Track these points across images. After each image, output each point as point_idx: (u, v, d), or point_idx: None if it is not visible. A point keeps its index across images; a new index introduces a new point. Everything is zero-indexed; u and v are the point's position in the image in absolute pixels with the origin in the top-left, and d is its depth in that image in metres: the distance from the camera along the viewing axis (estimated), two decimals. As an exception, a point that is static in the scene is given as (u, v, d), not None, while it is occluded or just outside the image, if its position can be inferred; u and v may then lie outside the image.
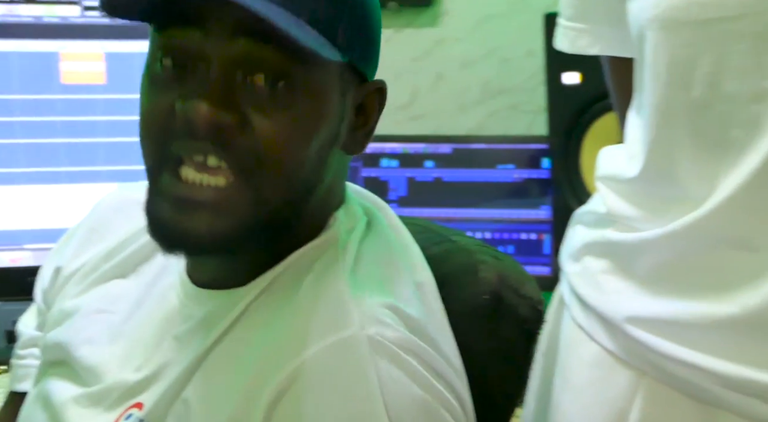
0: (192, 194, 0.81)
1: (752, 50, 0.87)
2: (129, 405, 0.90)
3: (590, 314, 1.04)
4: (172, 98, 0.82)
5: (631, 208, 1.01)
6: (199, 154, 0.81)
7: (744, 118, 0.89)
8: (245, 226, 0.83)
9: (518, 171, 1.97)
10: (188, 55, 0.81)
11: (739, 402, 0.93)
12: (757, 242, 0.90)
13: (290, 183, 0.84)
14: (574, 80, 1.83)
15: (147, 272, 0.98)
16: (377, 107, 0.92)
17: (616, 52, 1.11)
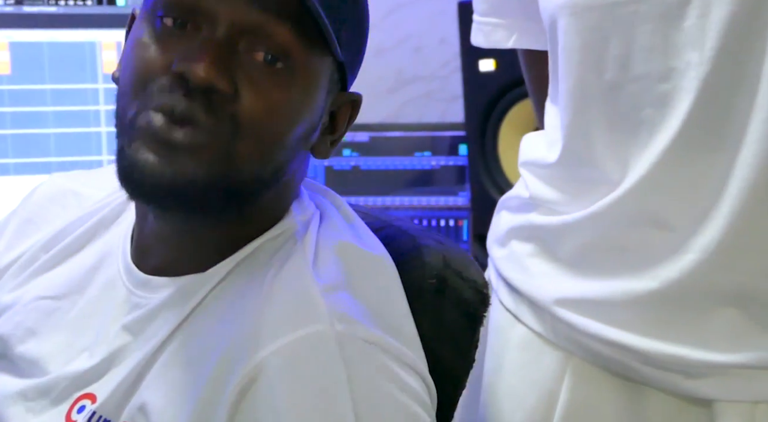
0: (170, 135, 0.80)
1: (658, 31, 0.89)
2: (78, 396, 0.88)
3: (517, 297, 1.06)
4: (170, 56, 0.81)
5: (553, 192, 1.03)
6: (185, 108, 0.80)
7: (654, 97, 0.91)
8: (215, 182, 0.81)
9: (435, 158, 1.98)
10: (194, 14, 0.81)
11: (662, 378, 0.96)
12: (672, 221, 0.92)
13: (263, 160, 0.84)
14: (489, 67, 1.85)
15: (87, 257, 0.96)
16: (347, 119, 0.92)
17: (530, 45, 1.13)
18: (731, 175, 0.88)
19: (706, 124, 0.89)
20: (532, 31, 1.10)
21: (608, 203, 0.95)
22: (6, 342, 0.94)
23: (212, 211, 0.84)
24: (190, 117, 0.79)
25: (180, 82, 0.79)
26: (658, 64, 0.90)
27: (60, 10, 1.82)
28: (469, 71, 1.87)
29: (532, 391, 1.03)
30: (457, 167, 1.98)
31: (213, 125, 0.80)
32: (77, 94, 1.82)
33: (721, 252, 0.90)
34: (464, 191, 1.97)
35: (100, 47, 1.83)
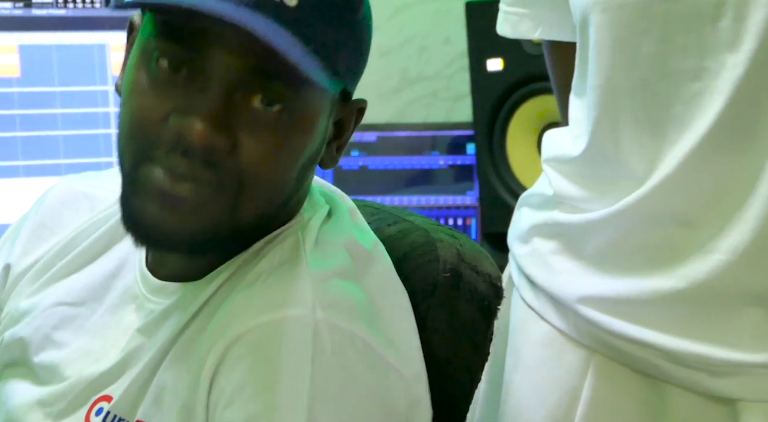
0: (173, 191, 0.80)
1: (692, 30, 0.90)
2: (96, 398, 0.89)
3: (540, 294, 1.07)
4: (166, 107, 0.80)
5: (577, 189, 1.03)
6: (186, 169, 0.80)
7: (685, 96, 0.91)
8: (219, 232, 0.83)
9: (443, 157, 1.99)
10: (187, 65, 0.80)
11: (685, 376, 0.97)
12: (698, 220, 0.93)
13: (268, 202, 0.85)
14: (497, 67, 1.86)
15: (105, 265, 0.97)
16: (353, 125, 0.93)
17: (556, 37, 1.14)
18: (760, 177, 0.89)
19: (737, 125, 0.90)
20: (558, 23, 1.10)
21: (633, 200, 0.96)
22: (25, 347, 0.95)
23: (218, 251, 0.86)
24: (191, 176, 0.80)
25: (178, 141, 0.79)
26: (691, 63, 0.91)
27: (69, 12, 1.82)
28: (476, 71, 1.89)
29: (554, 388, 1.04)
30: (465, 166, 1.99)
31: (215, 181, 0.80)
32: (86, 96, 1.83)
33: (749, 254, 0.90)
34: (472, 189, 1.98)
35: (109, 49, 1.84)
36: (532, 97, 1.85)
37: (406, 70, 2.20)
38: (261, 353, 0.81)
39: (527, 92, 1.85)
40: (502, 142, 1.88)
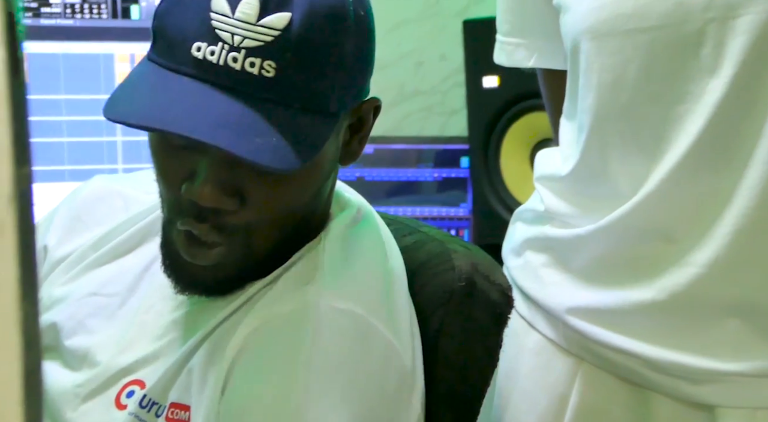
0: (195, 257, 0.88)
1: (676, 57, 0.95)
2: (127, 382, 0.94)
3: (532, 305, 1.11)
4: (180, 174, 0.86)
5: (567, 205, 1.08)
6: (200, 232, 0.87)
7: (669, 117, 0.96)
8: (243, 271, 0.91)
9: (438, 170, 2.03)
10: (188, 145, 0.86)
11: (667, 384, 1.01)
12: (677, 234, 0.98)
13: (282, 231, 0.91)
14: (492, 84, 1.90)
15: (139, 258, 1.02)
16: (372, 118, 0.96)
17: (549, 65, 1.18)
18: (736, 194, 0.93)
19: (715, 145, 0.94)
20: (551, 52, 1.15)
21: (618, 216, 1.00)
22: (58, 332, 0.99)
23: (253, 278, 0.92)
24: (205, 239, 0.87)
25: (191, 206, 0.86)
26: (674, 88, 0.95)
27: (76, 23, 1.86)
28: (472, 87, 1.93)
29: (544, 394, 1.08)
30: (459, 179, 2.02)
31: (227, 241, 0.87)
32: (92, 104, 1.87)
33: (722, 267, 0.95)
34: (465, 202, 2.02)
35: (115, 59, 1.88)
36: (526, 114, 1.89)
37: (402, 85, 2.22)
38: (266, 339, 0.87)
39: (521, 109, 1.89)
40: (496, 156, 1.92)
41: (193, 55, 0.83)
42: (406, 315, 0.96)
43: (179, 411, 0.89)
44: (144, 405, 0.91)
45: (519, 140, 1.91)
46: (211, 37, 0.82)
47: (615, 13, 0.97)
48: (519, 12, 1.17)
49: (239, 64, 0.82)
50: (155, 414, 0.90)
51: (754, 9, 0.91)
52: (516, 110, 1.90)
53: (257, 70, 0.82)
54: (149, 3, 1.89)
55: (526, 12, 1.16)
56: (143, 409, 0.91)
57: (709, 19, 0.92)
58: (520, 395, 1.12)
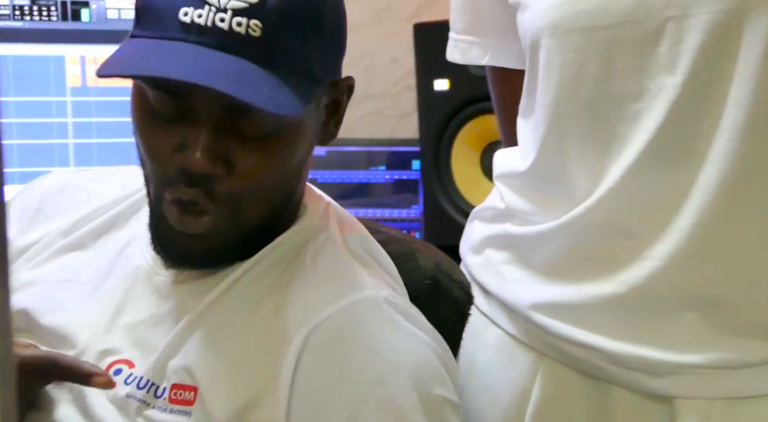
0: (185, 227, 0.90)
1: (634, 54, 0.97)
2: (113, 361, 0.94)
3: (492, 301, 1.13)
4: (169, 145, 0.88)
5: (527, 203, 1.10)
6: (191, 196, 0.88)
7: (627, 115, 0.98)
8: (232, 243, 0.93)
9: (389, 172, 2.04)
10: (178, 108, 0.88)
11: (627, 377, 1.03)
12: (636, 229, 1.00)
13: (269, 202, 0.93)
14: (443, 87, 1.92)
15: (110, 245, 1.03)
16: (347, 97, 0.99)
17: (502, 63, 1.20)
18: (693, 189, 0.96)
19: (672, 141, 0.96)
20: (505, 50, 1.17)
21: (579, 213, 1.02)
22: (31, 313, 0.99)
23: (239, 255, 0.94)
24: (195, 204, 0.88)
25: (181, 173, 0.88)
26: (633, 85, 0.97)
27: (26, 25, 1.85)
28: (424, 90, 1.94)
29: (506, 389, 1.10)
30: (410, 181, 2.04)
31: (216, 208, 0.89)
32: (43, 106, 1.85)
33: (680, 260, 0.97)
34: (416, 203, 2.03)
35: (66, 61, 1.87)
36: (476, 117, 1.91)
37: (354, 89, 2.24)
38: (348, 335, 0.90)
39: (472, 112, 1.91)
40: (447, 158, 1.94)
41: (180, 20, 0.85)
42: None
43: (183, 392, 0.90)
44: (141, 386, 0.91)
45: (469, 143, 1.93)
46: (197, 2, 0.85)
47: (576, 9, 0.98)
48: (473, 10, 1.18)
49: (226, 24, 0.85)
50: (154, 395, 0.91)
51: (710, 8, 0.93)
52: (466, 113, 1.92)
53: (244, 29, 0.85)
54: (99, 5, 1.88)
55: (480, 10, 1.17)
56: (141, 389, 0.91)
57: (667, 17, 0.95)
58: (482, 390, 1.13)
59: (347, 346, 0.89)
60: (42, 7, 1.85)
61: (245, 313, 0.93)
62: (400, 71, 2.23)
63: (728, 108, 0.94)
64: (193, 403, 0.89)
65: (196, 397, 0.89)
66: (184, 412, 0.89)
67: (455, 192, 1.93)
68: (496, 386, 1.10)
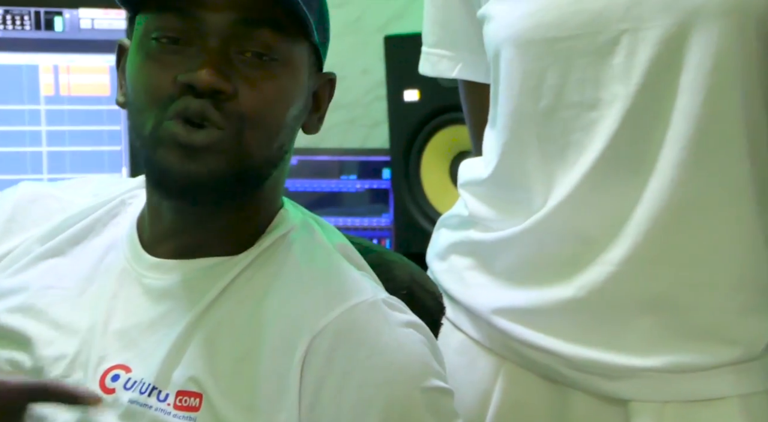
0: (190, 139, 0.91)
1: (590, 65, 1.00)
2: (108, 367, 0.94)
3: (456, 306, 1.15)
4: (173, 72, 0.92)
5: (489, 210, 1.12)
6: (198, 107, 0.91)
7: (583, 124, 1.01)
8: (233, 171, 0.93)
9: (360, 181, 2.07)
10: (186, 32, 0.92)
11: (584, 380, 1.06)
12: (593, 235, 1.03)
13: (269, 143, 0.95)
14: (413, 97, 1.95)
15: (90, 251, 1.03)
16: (328, 96, 1.04)
17: (472, 77, 1.23)
18: (645, 196, 0.99)
19: (626, 149, 1.00)
20: (475, 64, 1.19)
21: (538, 219, 1.05)
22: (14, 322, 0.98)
23: (233, 197, 0.95)
24: (203, 115, 0.91)
25: (188, 89, 0.91)
26: (588, 95, 1.00)
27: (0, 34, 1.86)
28: (394, 100, 1.97)
29: (468, 392, 1.11)
30: (381, 190, 2.07)
31: (223, 122, 0.91)
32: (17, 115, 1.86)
33: (634, 265, 1.00)
34: (387, 212, 2.06)
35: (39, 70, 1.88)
36: (445, 127, 1.94)
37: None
38: (352, 339, 0.92)
39: (441, 122, 1.94)
40: (417, 167, 1.97)
41: None
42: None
43: (188, 398, 0.91)
44: (144, 391, 0.92)
45: (439, 152, 1.96)
46: None
47: (538, 22, 1.02)
48: (445, 25, 1.21)
49: None
50: (157, 398, 0.92)
51: (662, 22, 0.97)
52: (436, 123, 1.95)
53: None
54: (72, 15, 1.90)
55: (451, 25, 1.20)
56: (143, 394, 0.92)
57: (622, 30, 0.98)
58: (445, 393, 1.16)
59: (352, 350, 0.92)
60: (15, 17, 1.86)
61: (245, 315, 0.94)
62: (371, 82, 2.25)
63: (678, 118, 0.98)
64: (199, 409, 0.91)
65: (202, 403, 0.91)
66: (189, 418, 0.91)
67: (425, 201, 1.96)
68: (459, 389, 1.10)
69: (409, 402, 0.92)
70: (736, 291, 1.03)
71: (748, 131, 1.00)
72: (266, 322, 0.93)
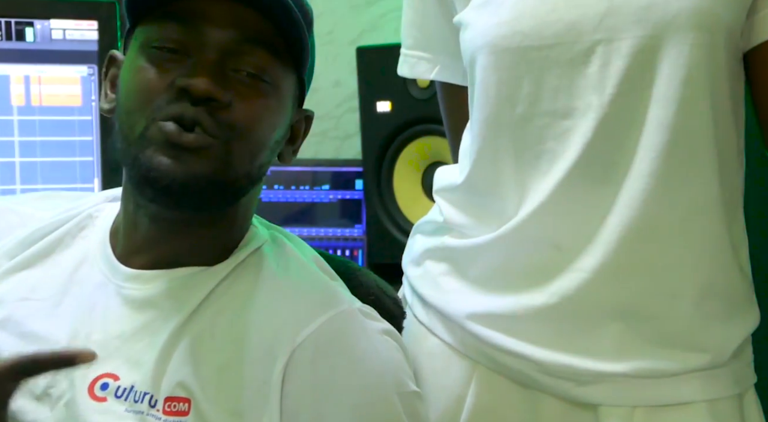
0: (181, 139, 0.93)
1: (565, 75, 1.02)
2: (96, 376, 0.95)
3: (431, 311, 1.16)
4: (169, 76, 0.94)
5: (463, 216, 1.14)
6: (193, 114, 0.93)
7: (556, 132, 1.03)
8: (216, 178, 0.95)
9: (333, 192, 2.08)
10: (186, 43, 0.95)
11: (554, 385, 1.07)
12: (566, 242, 1.04)
13: (252, 159, 0.98)
14: (385, 109, 1.96)
15: (61, 263, 1.04)
16: (303, 132, 1.08)
17: (449, 79, 1.24)
18: (617, 205, 1.01)
19: (599, 158, 1.01)
20: (452, 67, 1.21)
21: (511, 227, 1.06)
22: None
23: (212, 205, 0.97)
24: (197, 121, 0.92)
25: (183, 95, 0.92)
26: (562, 104, 1.02)
27: (-30, 45, 1.85)
28: (366, 112, 1.98)
29: (442, 396, 1.13)
30: (353, 201, 2.07)
31: (215, 128, 0.93)
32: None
33: (606, 272, 1.01)
34: (359, 223, 2.07)
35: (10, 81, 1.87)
36: (418, 138, 1.95)
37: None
38: (332, 348, 0.95)
39: (414, 133, 1.95)
40: (389, 178, 1.98)
41: None
42: None
43: (177, 404, 0.93)
44: (138, 399, 0.93)
45: (411, 163, 1.97)
46: None
47: (513, 30, 1.03)
48: (422, 28, 1.23)
49: None
50: (149, 404, 0.93)
51: (635, 32, 0.99)
52: (408, 134, 1.96)
53: None
54: (43, 26, 1.89)
55: (428, 28, 1.22)
56: (138, 402, 0.93)
57: (597, 40, 1.00)
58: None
59: (332, 359, 0.94)
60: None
61: (225, 325, 0.96)
62: (344, 93, 2.26)
63: (650, 129, 0.99)
64: (188, 414, 0.92)
65: (191, 408, 0.92)
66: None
67: (397, 212, 1.97)
68: (433, 393, 1.13)
69: (388, 407, 0.95)
70: (702, 300, 1.04)
71: (717, 143, 1.02)
72: (247, 332, 0.95)
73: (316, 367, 0.94)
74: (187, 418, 0.92)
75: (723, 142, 1.03)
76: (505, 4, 1.05)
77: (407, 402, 0.97)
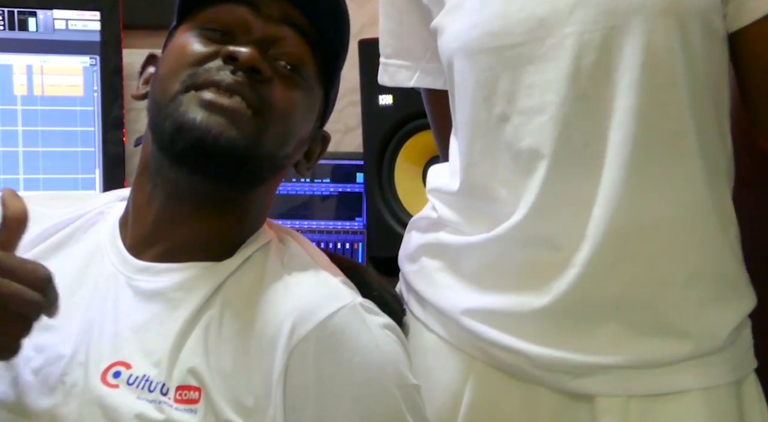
0: (217, 100, 0.95)
1: (540, 70, 1.02)
2: (109, 364, 0.96)
3: (427, 307, 1.17)
4: (215, 48, 0.98)
5: (457, 216, 1.15)
6: (234, 82, 0.95)
7: (533, 128, 1.03)
8: (245, 149, 0.96)
9: (334, 185, 2.08)
10: (233, 27, 0.98)
11: (552, 379, 1.08)
12: (559, 239, 1.04)
13: (281, 144, 1.00)
14: (387, 102, 1.97)
15: (73, 257, 1.05)
16: (318, 152, 1.11)
17: (430, 85, 1.25)
18: (598, 197, 1.01)
19: (574, 152, 1.01)
20: (432, 73, 1.22)
21: (506, 227, 1.06)
22: None
23: (234, 177, 0.98)
24: (235, 90, 0.95)
25: (228, 61, 0.95)
26: (537, 99, 1.02)
27: (-27, 34, 1.86)
28: (368, 105, 1.98)
29: (440, 391, 1.13)
30: (354, 193, 2.07)
31: (253, 99, 0.96)
32: (-10, 115, 1.87)
33: (597, 265, 1.02)
34: (360, 216, 2.07)
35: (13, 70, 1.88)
36: (419, 132, 1.95)
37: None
38: (335, 342, 0.96)
39: (415, 127, 1.95)
40: (390, 172, 1.98)
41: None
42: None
43: (188, 392, 0.94)
44: (153, 389, 0.95)
45: (412, 157, 1.97)
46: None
47: (485, 31, 1.04)
48: (399, 36, 1.24)
49: None
50: (160, 392, 0.94)
51: (604, 24, 0.98)
52: (409, 128, 1.96)
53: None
54: (46, 16, 1.90)
55: (405, 36, 1.23)
56: (148, 390, 0.95)
57: (567, 34, 1.00)
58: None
59: (334, 352, 0.95)
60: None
61: (233, 317, 0.98)
62: (345, 87, 2.25)
63: (619, 118, 0.99)
64: (199, 401, 0.94)
65: (201, 396, 0.94)
66: (190, 410, 0.93)
67: (398, 205, 1.97)
68: (431, 388, 1.13)
69: (389, 399, 0.97)
70: (692, 286, 1.04)
71: (698, 127, 1.01)
72: (252, 325, 0.97)
73: (319, 361, 0.95)
74: (198, 406, 0.93)
75: (703, 125, 1.02)
76: (475, 7, 1.05)
77: (407, 394, 0.99)
